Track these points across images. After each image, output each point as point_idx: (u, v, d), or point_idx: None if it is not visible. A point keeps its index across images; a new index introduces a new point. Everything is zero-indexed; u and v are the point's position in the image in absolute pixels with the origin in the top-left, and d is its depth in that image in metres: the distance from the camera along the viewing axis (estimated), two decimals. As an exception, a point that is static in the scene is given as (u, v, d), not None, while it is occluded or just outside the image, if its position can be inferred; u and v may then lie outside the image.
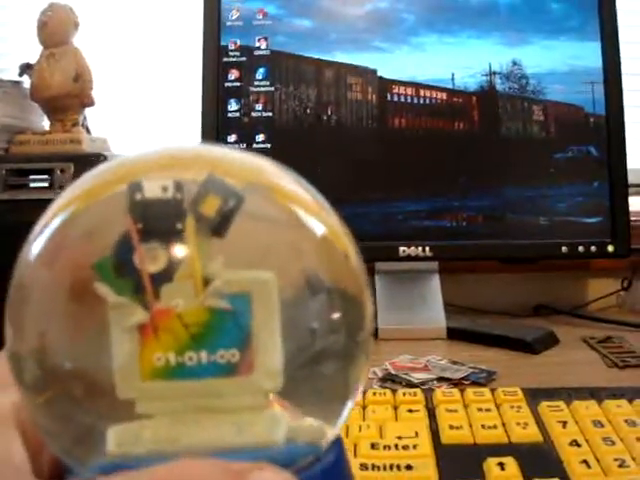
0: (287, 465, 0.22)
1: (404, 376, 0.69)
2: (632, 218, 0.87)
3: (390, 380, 0.68)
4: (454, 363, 0.73)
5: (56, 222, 0.24)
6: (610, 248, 0.85)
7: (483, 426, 0.50)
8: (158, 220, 0.23)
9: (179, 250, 0.23)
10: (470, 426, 0.50)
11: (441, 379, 0.69)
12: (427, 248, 0.84)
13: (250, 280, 0.23)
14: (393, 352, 0.76)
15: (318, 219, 0.25)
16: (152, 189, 0.23)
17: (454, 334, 0.86)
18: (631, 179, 0.88)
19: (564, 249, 0.85)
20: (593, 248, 0.85)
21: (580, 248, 0.85)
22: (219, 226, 0.23)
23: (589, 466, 0.45)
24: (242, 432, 0.23)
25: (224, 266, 0.23)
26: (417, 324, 0.86)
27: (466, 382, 0.68)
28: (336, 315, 0.24)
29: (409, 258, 0.84)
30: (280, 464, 0.21)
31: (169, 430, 0.22)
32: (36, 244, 0.23)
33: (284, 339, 0.23)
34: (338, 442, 0.25)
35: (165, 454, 0.22)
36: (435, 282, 0.91)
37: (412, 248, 0.84)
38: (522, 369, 0.74)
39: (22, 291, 0.23)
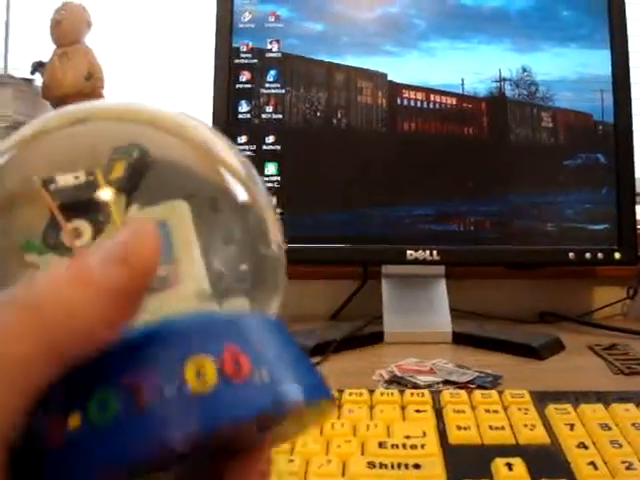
0: None
1: (410, 378, 0.69)
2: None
3: (396, 382, 0.69)
4: (460, 367, 0.74)
5: None
6: (617, 255, 0.85)
7: (490, 427, 0.50)
8: (76, 200, 0.24)
9: (100, 217, 0.24)
10: (477, 427, 0.51)
11: (447, 382, 0.69)
12: (434, 252, 0.84)
13: (165, 209, 0.25)
14: (399, 355, 0.76)
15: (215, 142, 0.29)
16: (65, 180, 0.25)
17: (460, 339, 0.86)
18: (639, 187, 0.88)
19: (571, 255, 0.85)
20: (600, 255, 0.85)
21: (587, 255, 0.85)
22: (130, 181, 0.25)
23: (596, 468, 0.45)
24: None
25: (142, 205, 0.25)
26: (423, 328, 0.86)
27: (472, 386, 0.68)
28: (239, 227, 0.27)
29: (416, 261, 0.84)
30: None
31: None
32: None
33: (202, 249, 0.25)
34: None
35: None
36: (441, 287, 0.91)
37: (419, 252, 0.84)
38: (528, 374, 0.74)
39: None
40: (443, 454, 0.47)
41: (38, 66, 0.91)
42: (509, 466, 0.45)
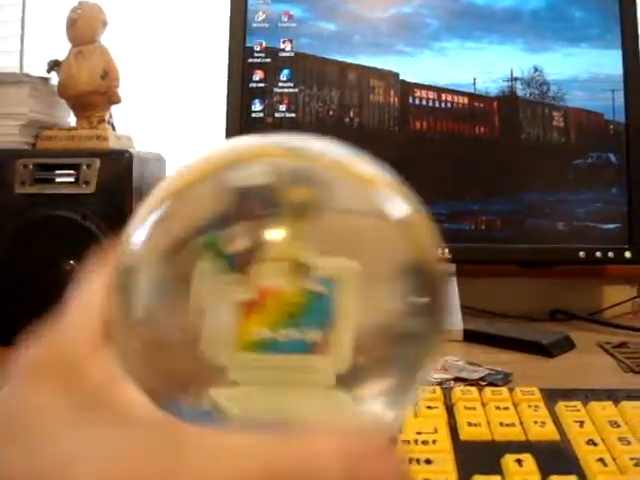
0: None
1: (421, 375, 0.70)
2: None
3: (408, 379, 0.69)
4: (471, 364, 0.74)
5: (153, 217, 0.25)
6: (627, 254, 0.86)
7: (501, 424, 0.51)
8: (254, 204, 0.24)
9: (275, 233, 0.24)
10: (488, 423, 0.51)
11: (458, 379, 0.70)
12: (446, 250, 0.85)
13: (338, 267, 0.24)
14: (410, 352, 0.77)
15: (403, 201, 0.26)
16: (246, 175, 0.25)
17: (471, 336, 0.87)
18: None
19: (581, 254, 0.86)
20: (610, 254, 0.86)
21: (598, 254, 0.86)
22: (312, 213, 0.24)
23: (605, 464, 0.45)
24: (311, 406, 0.24)
25: (316, 251, 0.24)
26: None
27: (483, 383, 0.69)
28: (418, 300, 0.26)
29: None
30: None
31: (258, 398, 0.24)
32: (139, 233, 0.25)
33: (364, 323, 0.24)
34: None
35: (255, 421, 0.24)
36: (453, 285, 0.92)
37: (431, 250, 0.85)
38: (538, 372, 0.75)
39: (129, 274, 0.25)
40: (454, 450, 0.48)
41: (54, 65, 0.92)
42: (519, 462, 0.45)
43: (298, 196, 0.24)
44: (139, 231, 0.25)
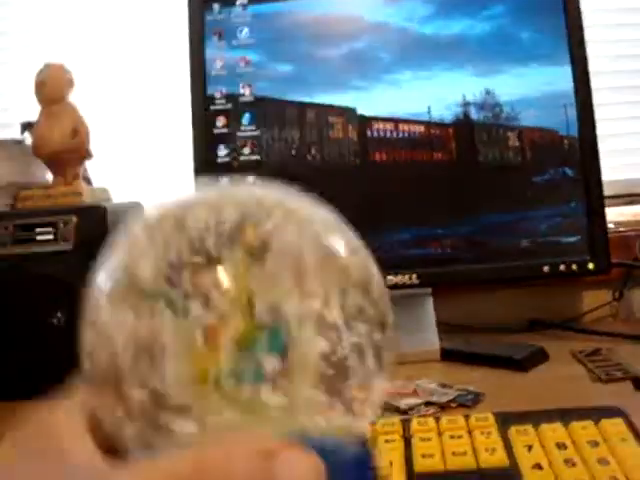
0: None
1: (393, 402, 0.72)
2: (610, 226, 0.90)
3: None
4: (443, 386, 0.76)
5: (115, 261, 0.28)
6: (590, 265, 0.88)
7: (454, 453, 0.53)
8: (204, 246, 0.27)
9: (226, 271, 0.27)
10: (442, 453, 0.54)
11: (429, 403, 0.72)
12: (414, 275, 0.87)
13: (289, 301, 0.27)
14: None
15: (341, 239, 0.29)
16: (196, 222, 0.27)
17: (448, 355, 0.89)
18: (607, 191, 0.91)
19: (546, 269, 0.88)
20: (574, 266, 0.88)
21: (562, 267, 0.88)
22: (260, 251, 0.27)
23: (548, 488, 0.48)
24: (283, 425, 0.26)
25: (266, 286, 0.27)
26: (411, 347, 0.88)
27: (453, 405, 0.71)
28: (361, 324, 0.28)
29: (397, 287, 0.87)
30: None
31: (221, 422, 0.26)
32: (101, 278, 0.28)
33: (316, 346, 0.27)
34: (363, 439, 0.28)
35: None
36: (428, 305, 0.94)
37: (399, 277, 0.87)
38: (510, 389, 0.77)
39: (94, 326, 0.28)
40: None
41: (27, 126, 0.96)
42: (467, 492, 0.48)
43: (248, 238, 0.27)
44: (101, 276, 0.28)
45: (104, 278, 0.28)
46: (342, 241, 0.29)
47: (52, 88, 0.94)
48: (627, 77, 1.25)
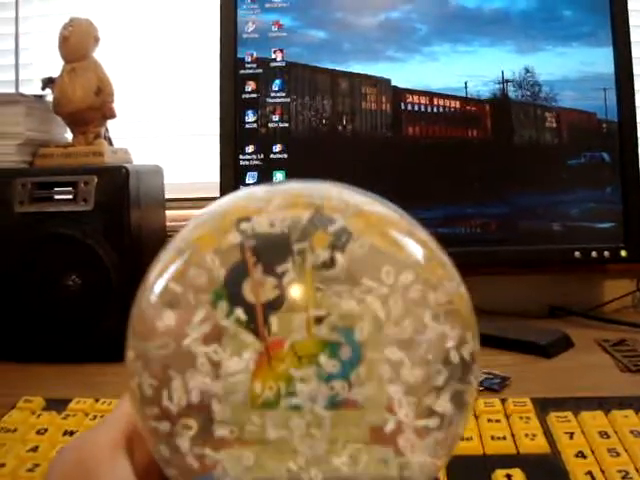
0: None
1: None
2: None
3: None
4: (468, 369, 0.75)
5: (173, 267, 0.25)
6: (623, 253, 0.86)
7: (492, 437, 0.52)
8: (268, 253, 0.24)
9: (290, 283, 0.24)
10: (480, 437, 0.52)
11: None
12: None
13: (360, 314, 0.24)
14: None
15: (417, 243, 0.27)
16: (261, 225, 0.25)
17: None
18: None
19: (577, 254, 0.86)
20: (606, 253, 0.86)
21: (593, 253, 0.86)
22: (328, 260, 0.24)
23: (594, 477, 0.46)
24: (356, 464, 0.24)
25: (333, 299, 0.24)
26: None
27: (480, 388, 0.70)
28: (450, 344, 0.25)
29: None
30: None
31: (278, 458, 0.24)
32: (156, 286, 0.26)
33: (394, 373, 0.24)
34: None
35: None
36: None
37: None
38: (535, 374, 0.75)
39: (146, 328, 0.26)
40: (446, 465, 0.49)
41: (48, 82, 0.93)
42: (509, 477, 0.46)
43: (317, 245, 0.24)
44: (158, 282, 0.26)
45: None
46: (420, 248, 0.27)
47: (76, 44, 0.92)
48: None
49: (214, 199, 0.29)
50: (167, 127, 1.15)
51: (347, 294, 0.24)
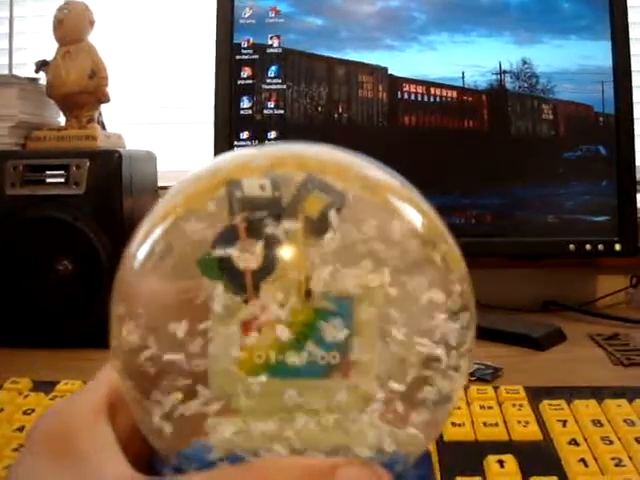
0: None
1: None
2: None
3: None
4: (460, 360, 0.74)
5: (158, 231, 0.24)
6: (617, 247, 0.85)
7: (485, 423, 0.51)
8: (259, 217, 0.23)
9: (282, 248, 0.23)
10: (472, 423, 0.52)
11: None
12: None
13: (354, 283, 0.23)
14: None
15: (416, 210, 0.25)
16: (251, 187, 0.23)
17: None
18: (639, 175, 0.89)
19: (571, 247, 0.86)
20: (600, 247, 0.85)
21: (587, 246, 0.85)
22: (321, 226, 0.23)
23: (587, 465, 0.46)
24: (347, 433, 0.23)
25: (327, 266, 0.23)
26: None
27: (472, 378, 0.69)
28: (443, 320, 0.24)
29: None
30: None
31: (264, 427, 0.23)
32: (140, 251, 0.24)
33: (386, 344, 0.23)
34: (428, 454, 0.26)
35: (259, 452, 0.23)
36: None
37: (420, 245, 0.85)
38: (528, 366, 0.75)
39: (129, 295, 0.25)
40: (437, 451, 0.48)
41: (42, 65, 0.92)
42: (501, 463, 0.46)
43: (310, 209, 0.23)
44: (142, 247, 0.24)
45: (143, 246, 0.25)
46: (419, 216, 0.25)
47: (71, 26, 0.91)
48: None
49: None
50: (161, 114, 1.14)
51: (340, 260, 0.24)
